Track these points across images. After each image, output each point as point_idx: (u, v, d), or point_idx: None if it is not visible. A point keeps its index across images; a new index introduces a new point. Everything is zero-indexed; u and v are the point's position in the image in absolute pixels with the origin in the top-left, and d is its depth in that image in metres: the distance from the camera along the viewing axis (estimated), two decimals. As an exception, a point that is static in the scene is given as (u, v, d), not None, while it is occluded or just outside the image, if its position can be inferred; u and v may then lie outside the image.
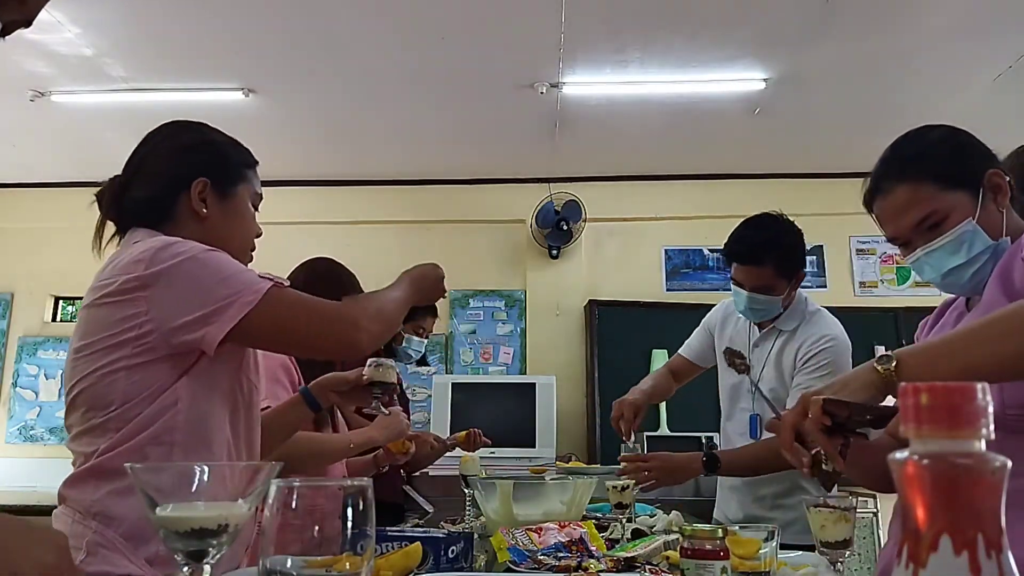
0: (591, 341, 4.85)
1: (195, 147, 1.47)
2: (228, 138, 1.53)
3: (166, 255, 1.25)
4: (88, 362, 1.27)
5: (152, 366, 1.26)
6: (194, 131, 1.51)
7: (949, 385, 0.40)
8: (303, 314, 1.32)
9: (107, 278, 1.29)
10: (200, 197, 1.41)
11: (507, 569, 1.40)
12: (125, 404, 1.25)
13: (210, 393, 1.32)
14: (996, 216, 1.29)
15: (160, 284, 1.24)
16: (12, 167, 5.09)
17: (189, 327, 1.24)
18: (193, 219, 1.40)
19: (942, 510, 0.39)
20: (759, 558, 1.09)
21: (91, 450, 1.25)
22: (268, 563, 0.69)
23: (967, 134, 1.36)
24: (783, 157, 4.89)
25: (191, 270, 1.25)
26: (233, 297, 1.24)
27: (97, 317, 1.28)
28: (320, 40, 3.56)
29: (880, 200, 1.35)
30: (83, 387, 1.28)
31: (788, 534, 1.80)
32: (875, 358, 1.11)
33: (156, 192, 1.41)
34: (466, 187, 5.25)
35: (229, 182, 1.46)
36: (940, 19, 3.36)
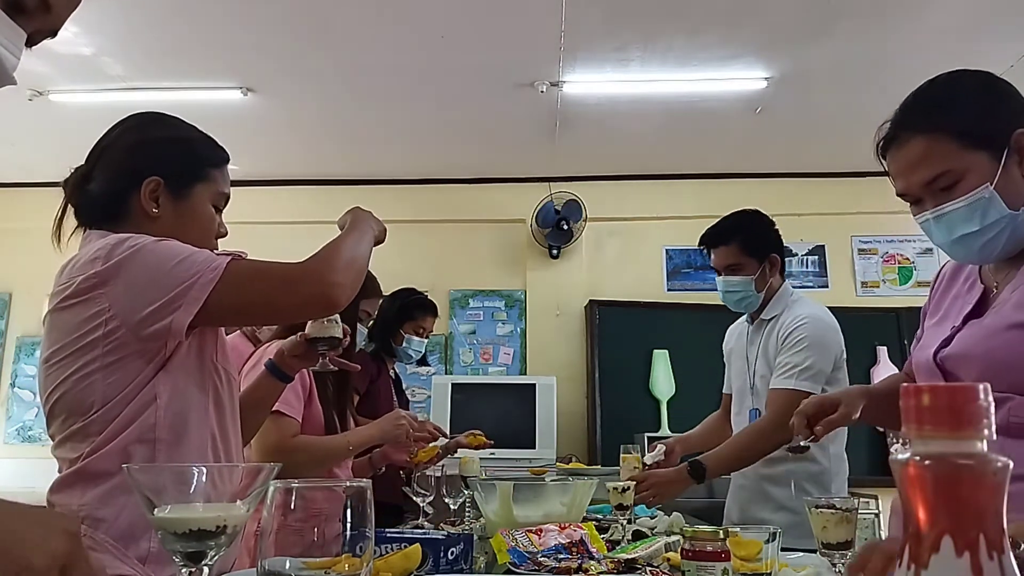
0: (591, 341, 4.84)
1: (154, 142, 1.41)
2: (196, 134, 1.46)
3: (120, 249, 1.23)
4: (61, 368, 1.25)
5: (126, 364, 1.24)
6: (157, 125, 1.45)
7: (951, 385, 0.40)
8: (267, 281, 1.29)
9: (65, 281, 1.27)
10: (151, 196, 1.36)
11: (507, 571, 1.39)
12: (105, 406, 1.23)
13: (188, 387, 1.30)
14: (1019, 183, 1.18)
15: (119, 278, 1.22)
16: (10, 167, 5.09)
17: (155, 316, 1.21)
18: (145, 219, 1.36)
19: (944, 511, 0.38)
20: (760, 560, 1.09)
21: (75, 455, 1.24)
22: (267, 564, 0.69)
23: (1005, 84, 1.25)
24: (785, 156, 4.89)
25: (146, 260, 1.23)
26: (193, 278, 1.22)
27: (61, 322, 1.26)
28: (320, 40, 3.56)
29: (895, 150, 1.25)
30: (60, 394, 1.25)
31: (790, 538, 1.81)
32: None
33: (110, 188, 1.37)
34: (466, 187, 5.25)
35: (185, 181, 1.39)
36: (940, 19, 3.36)
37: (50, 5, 0.85)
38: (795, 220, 5.12)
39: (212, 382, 1.35)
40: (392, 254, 4.14)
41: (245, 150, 4.81)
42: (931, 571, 0.38)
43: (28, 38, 0.85)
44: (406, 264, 4.43)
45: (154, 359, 1.26)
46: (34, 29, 0.86)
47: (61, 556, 0.65)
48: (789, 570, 1.22)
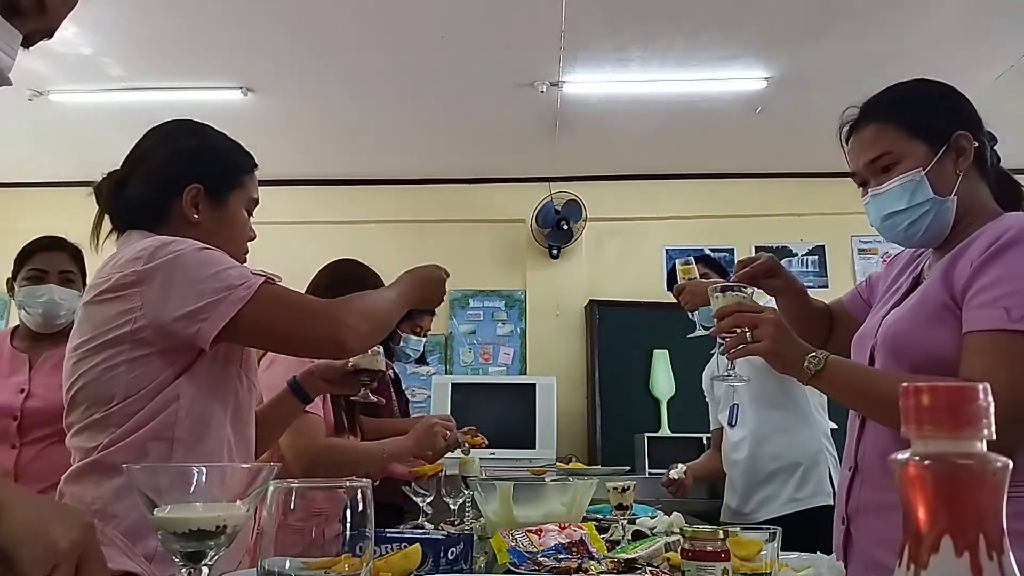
0: (591, 341, 4.84)
1: (191, 151, 1.46)
2: (227, 142, 1.53)
3: (163, 252, 1.27)
4: (88, 358, 1.28)
5: (151, 362, 1.27)
6: (193, 134, 1.50)
7: (950, 385, 0.40)
8: (292, 311, 1.33)
9: (104, 276, 1.31)
10: (192, 203, 1.41)
11: (507, 571, 1.39)
12: (127, 399, 1.26)
13: (211, 391, 1.33)
14: (950, 176, 1.31)
15: (156, 280, 1.25)
16: (11, 167, 5.09)
17: (183, 322, 1.24)
18: (185, 224, 1.41)
19: (943, 511, 0.38)
20: (760, 559, 1.09)
21: (92, 445, 1.26)
22: (267, 564, 0.69)
23: (958, 94, 1.39)
24: (785, 156, 4.88)
25: (185, 266, 1.26)
26: (226, 292, 1.25)
27: (95, 314, 1.29)
28: (320, 40, 3.56)
29: (853, 136, 1.40)
30: (84, 383, 1.28)
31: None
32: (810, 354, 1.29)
33: (150, 194, 1.42)
34: (466, 187, 5.25)
35: (223, 189, 1.46)
36: (940, 19, 3.36)
37: (46, 6, 0.85)
38: (795, 220, 5.13)
39: (234, 389, 1.38)
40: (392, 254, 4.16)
41: (245, 150, 4.81)
42: (931, 571, 0.38)
43: (24, 39, 0.85)
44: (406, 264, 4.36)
45: (179, 361, 1.29)
46: (30, 30, 0.86)
47: (80, 544, 0.69)
48: (789, 570, 1.22)
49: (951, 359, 1.20)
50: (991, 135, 1.40)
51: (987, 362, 1.14)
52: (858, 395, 1.32)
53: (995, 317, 1.15)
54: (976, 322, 1.18)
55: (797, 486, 2.38)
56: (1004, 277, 1.17)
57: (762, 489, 2.45)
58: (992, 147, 1.39)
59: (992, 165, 1.38)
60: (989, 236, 1.22)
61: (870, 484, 1.33)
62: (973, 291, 1.20)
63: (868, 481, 1.34)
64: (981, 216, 1.30)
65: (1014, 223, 1.22)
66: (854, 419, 1.40)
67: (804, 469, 2.40)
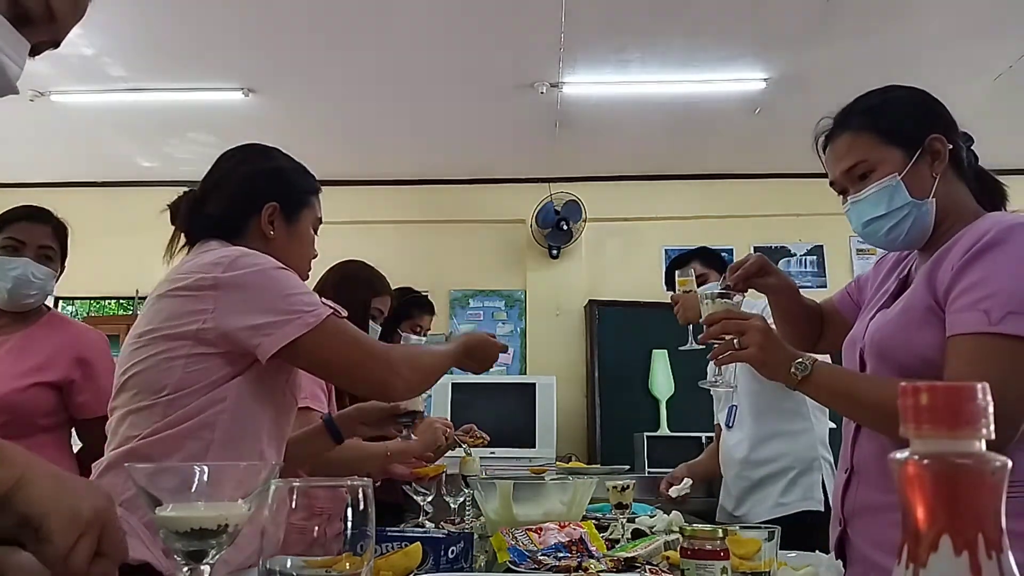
0: (591, 341, 4.85)
1: (269, 172, 1.56)
2: (297, 164, 1.62)
3: (244, 263, 1.34)
4: (149, 346, 1.33)
5: (209, 361, 1.31)
6: (268, 156, 1.59)
7: (949, 385, 0.40)
8: (351, 348, 1.39)
9: (183, 273, 1.36)
10: (269, 220, 1.50)
11: (507, 569, 1.40)
12: (177, 392, 1.30)
13: (256, 400, 1.37)
14: (926, 179, 1.32)
15: (232, 288, 1.31)
16: (12, 167, 5.08)
17: (248, 333, 1.30)
18: (260, 239, 1.49)
19: (942, 510, 0.38)
20: (759, 558, 1.09)
21: (133, 433, 1.30)
22: (268, 563, 0.69)
23: (930, 99, 1.40)
24: (784, 157, 4.88)
25: (263, 281, 1.34)
26: (295, 315, 1.31)
27: (167, 306, 1.35)
28: (320, 40, 3.56)
29: (829, 146, 1.42)
30: (138, 370, 1.33)
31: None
32: (797, 360, 1.29)
33: (230, 210, 1.50)
34: (466, 187, 5.25)
35: (296, 208, 1.55)
36: (940, 19, 3.36)
37: (56, 15, 0.85)
38: (794, 220, 5.14)
39: (278, 404, 1.43)
40: (392, 254, 4.16)
41: (245, 150, 4.81)
42: (930, 570, 0.38)
43: (32, 48, 0.86)
44: (406, 264, 4.42)
45: (234, 366, 1.34)
46: (38, 40, 0.86)
47: (102, 514, 0.71)
48: (788, 568, 1.22)
49: (938, 362, 1.21)
50: (966, 136, 1.40)
51: (970, 365, 1.15)
52: (844, 400, 1.33)
53: (976, 320, 1.16)
54: (958, 325, 1.18)
55: (784, 491, 2.35)
56: (984, 279, 1.17)
57: (753, 493, 2.44)
58: (968, 147, 1.40)
59: (970, 165, 1.39)
60: (969, 238, 1.23)
61: (867, 485, 1.34)
62: (955, 294, 1.20)
63: (864, 482, 1.34)
64: (962, 217, 1.31)
65: (992, 225, 1.22)
66: (849, 421, 1.41)
67: (795, 474, 2.38)
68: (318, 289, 2.29)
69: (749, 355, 1.35)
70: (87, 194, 5.22)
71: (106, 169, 5.09)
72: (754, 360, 1.35)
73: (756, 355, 1.34)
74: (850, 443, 1.39)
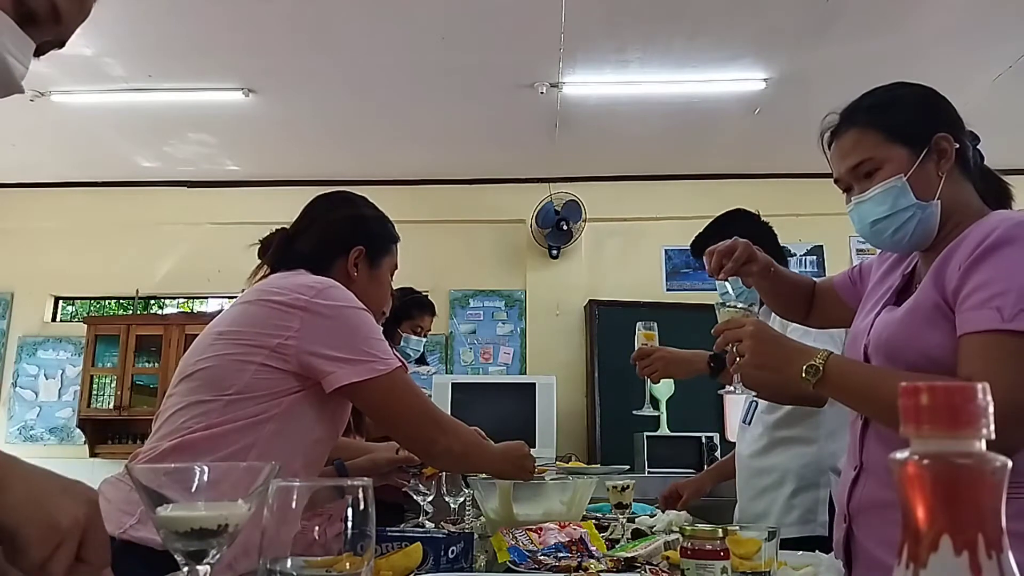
0: (591, 341, 4.85)
1: (360, 218, 1.67)
2: (381, 214, 1.73)
3: (335, 295, 1.44)
4: (227, 345, 1.40)
5: (278, 373, 1.38)
6: (357, 204, 1.71)
7: (949, 385, 0.40)
8: (410, 404, 1.49)
9: (277, 287, 1.45)
10: (355, 262, 1.62)
11: (507, 569, 1.40)
12: (241, 394, 1.36)
13: (304, 419, 1.43)
14: (932, 179, 1.30)
15: (319, 315, 1.40)
16: (12, 167, 5.09)
17: (323, 360, 1.38)
18: (343, 278, 1.58)
19: (942, 510, 0.38)
20: (759, 558, 1.09)
21: (187, 425, 1.35)
22: (268, 563, 0.69)
23: (938, 97, 1.37)
24: (783, 157, 4.89)
25: (348, 319, 1.43)
26: (370, 359, 1.40)
27: (254, 312, 1.43)
28: (320, 40, 3.56)
29: (835, 142, 1.40)
30: (210, 364, 1.40)
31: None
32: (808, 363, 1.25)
33: (322, 249, 1.60)
34: (466, 187, 5.26)
35: (379, 254, 1.67)
36: (940, 19, 3.36)
37: (61, 16, 0.85)
38: (793, 221, 5.12)
39: (319, 431, 1.48)
40: (392, 254, 4.15)
41: (246, 151, 4.81)
42: (930, 570, 0.38)
43: (37, 48, 0.86)
44: (406, 264, 4.38)
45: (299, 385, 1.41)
46: (43, 39, 0.86)
47: (83, 520, 0.68)
48: (788, 568, 1.22)
49: (945, 361, 1.20)
50: (973, 135, 1.38)
51: (985, 364, 1.14)
52: (862, 400, 1.30)
53: (988, 318, 1.15)
54: (970, 324, 1.17)
55: (783, 511, 2.11)
56: (994, 278, 1.17)
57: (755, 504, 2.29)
58: (975, 147, 1.38)
59: (976, 164, 1.37)
60: (976, 237, 1.22)
61: (875, 482, 1.32)
62: (964, 293, 1.19)
63: (872, 479, 1.33)
64: (968, 217, 1.30)
65: (999, 223, 1.21)
66: (857, 418, 1.40)
67: (794, 491, 2.12)
68: None
69: (746, 362, 1.35)
70: (87, 194, 5.22)
71: (106, 169, 5.09)
72: (751, 366, 1.35)
73: (750, 361, 1.34)
74: (858, 440, 1.38)
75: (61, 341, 5.20)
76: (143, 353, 5.01)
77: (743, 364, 1.36)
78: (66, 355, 5.19)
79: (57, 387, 5.15)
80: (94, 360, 4.98)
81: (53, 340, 5.22)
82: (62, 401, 5.12)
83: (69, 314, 5.50)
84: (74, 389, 5.06)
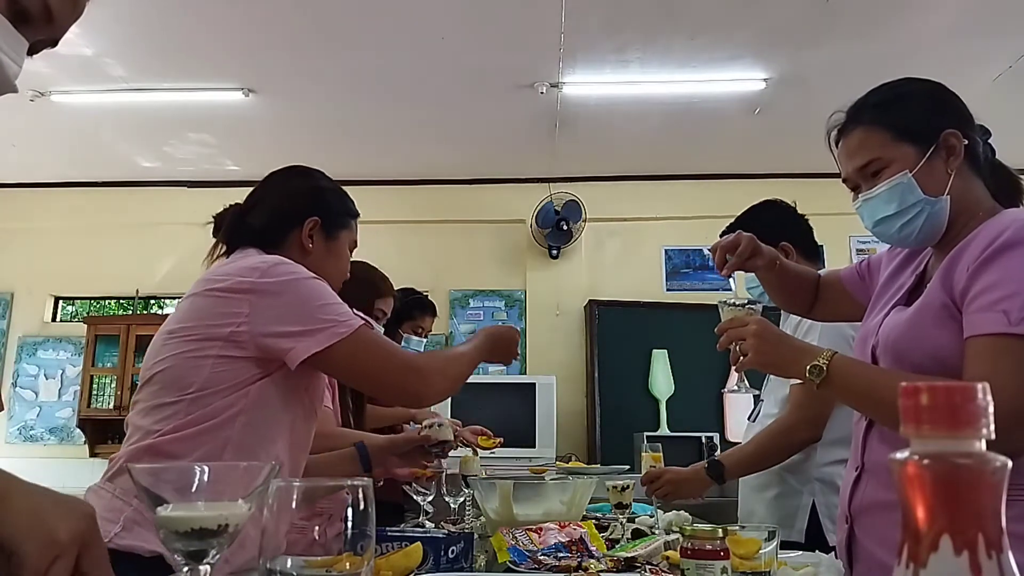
0: (591, 341, 4.85)
1: (314, 190, 1.63)
2: (339, 187, 1.70)
3: (281, 270, 1.38)
4: (179, 344, 1.36)
5: (237, 363, 1.34)
6: (314, 177, 1.68)
7: (949, 385, 0.40)
8: (382, 358, 1.42)
9: (221, 275, 1.40)
10: (309, 233, 1.57)
11: (507, 569, 1.40)
12: (202, 391, 1.32)
13: (276, 403, 1.39)
14: (941, 176, 1.29)
15: (268, 294, 1.35)
16: (12, 167, 5.08)
17: (280, 338, 1.33)
18: (298, 251, 1.54)
19: (942, 510, 0.38)
20: (759, 558, 1.09)
21: (154, 428, 1.32)
22: (268, 563, 0.69)
23: (946, 92, 1.37)
24: (783, 157, 4.89)
25: (298, 289, 1.37)
26: (327, 324, 1.35)
27: (201, 305, 1.38)
28: (320, 40, 3.56)
29: (842, 141, 1.39)
30: (166, 366, 1.35)
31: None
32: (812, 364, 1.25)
33: (274, 222, 1.56)
34: (466, 187, 5.26)
35: (335, 226, 1.62)
36: (940, 19, 3.36)
37: (53, 15, 0.86)
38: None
39: (296, 410, 1.44)
40: (392, 254, 4.16)
41: (246, 150, 4.81)
42: (930, 570, 0.38)
43: (30, 47, 0.86)
44: (406, 264, 4.43)
45: (260, 371, 1.36)
46: (36, 39, 0.87)
47: (81, 535, 0.69)
48: (788, 568, 1.22)
49: (953, 363, 1.19)
50: (983, 129, 1.37)
51: (990, 367, 1.13)
52: (866, 401, 1.29)
53: (995, 321, 1.14)
54: (976, 326, 1.17)
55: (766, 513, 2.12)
56: (1002, 280, 1.16)
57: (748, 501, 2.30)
58: (985, 141, 1.37)
59: (986, 159, 1.36)
60: (986, 237, 1.21)
61: (876, 483, 1.32)
62: (972, 294, 1.18)
63: (874, 480, 1.33)
64: (978, 213, 1.29)
65: (1010, 223, 1.20)
66: (860, 419, 1.39)
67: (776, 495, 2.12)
68: None
69: (749, 360, 1.35)
70: (87, 194, 5.22)
71: (106, 169, 5.09)
72: (754, 364, 1.35)
73: (753, 359, 1.34)
74: (861, 441, 1.38)
75: (61, 341, 5.20)
76: (143, 353, 4.96)
77: (746, 363, 1.36)
78: (66, 355, 5.19)
79: (57, 387, 5.15)
80: (94, 360, 4.99)
81: (53, 340, 5.22)
82: (62, 401, 5.12)
83: (69, 314, 5.50)
84: (74, 389, 5.07)
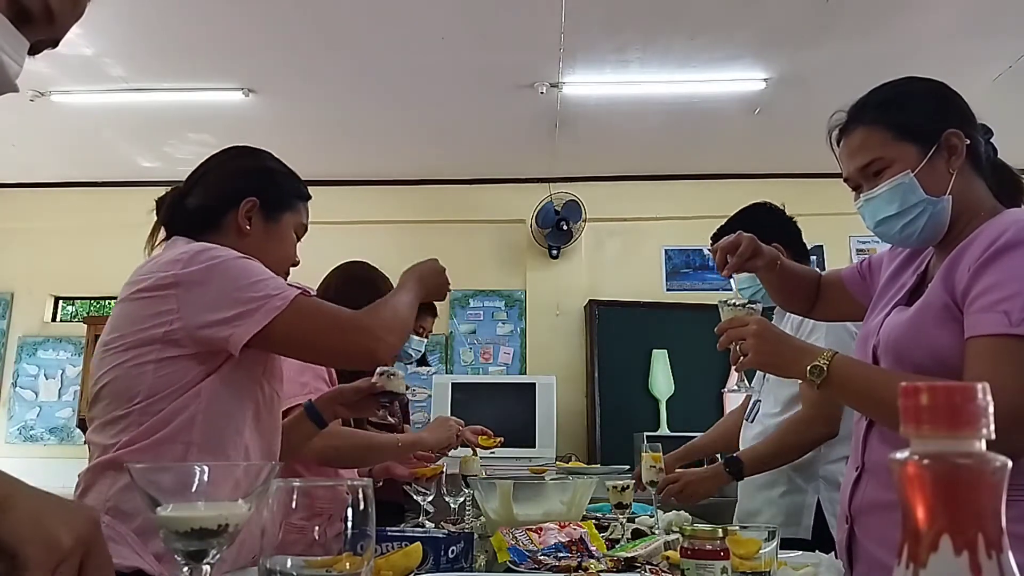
0: (591, 341, 4.85)
1: (253, 169, 1.55)
2: (287, 169, 1.60)
3: (203, 257, 1.30)
4: (116, 355, 1.30)
5: (179, 363, 1.29)
6: (256, 156, 1.58)
7: (949, 385, 0.40)
8: (325, 324, 1.36)
9: (143, 275, 1.34)
10: (246, 214, 1.48)
11: (507, 569, 1.40)
12: (150, 398, 1.27)
13: (232, 396, 1.34)
14: (942, 175, 1.29)
15: (194, 283, 1.28)
16: (12, 167, 5.09)
17: (216, 326, 1.27)
18: (236, 233, 1.47)
19: (942, 510, 0.38)
20: (759, 558, 1.09)
21: (111, 442, 1.27)
22: (268, 563, 0.69)
23: (947, 91, 1.36)
24: (783, 157, 4.89)
25: (224, 272, 1.30)
26: (261, 302, 1.28)
27: (129, 311, 1.32)
28: (320, 40, 3.56)
29: (843, 140, 1.39)
30: (110, 379, 1.30)
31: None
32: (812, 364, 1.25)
33: (210, 202, 1.48)
34: (466, 187, 5.26)
35: (277, 207, 1.53)
36: (940, 19, 3.36)
37: (54, 15, 0.86)
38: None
39: (255, 398, 1.40)
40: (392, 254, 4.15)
41: (245, 150, 4.81)
42: (929, 570, 0.38)
43: (31, 47, 0.86)
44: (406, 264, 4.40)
45: (206, 364, 1.31)
46: (37, 39, 0.87)
47: (84, 540, 0.68)
48: (788, 568, 1.22)
49: (954, 363, 1.19)
50: (985, 128, 1.37)
51: (990, 368, 1.13)
52: (867, 402, 1.29)
53: (996, 322, 1.14)
54: (977, 327, 1.16)
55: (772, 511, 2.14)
56: (1003, 280, 1.15)
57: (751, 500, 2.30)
58: (987, 140, 1.37)
59: (988, 158, 1.36)
60: (987, 237, 1.21)
61: (876, 483, 1.32)
62: (973, 295, 1.18)
63: (874, 480, 1.33)
64: (980, 213, 1.29)
65: (1011, 223, 1.20)
66: (860, 419, 1.39)
67: (783, 492, 2.14)
68: (321, 290, 2.28)
69: (749, 360, 1.35)
70: (87, 194, 5.22)
71: (106, 169, 5.09)
72: (754, 364, 1.35)
73: (753, 359, 1.34)
74: (861, 441, 1.38)
75: (61, 341, 5.20)
76: (143, 353, 5.00)
77: (746, 363, 1.35)
78: (66, 355, 5.19)
79: (57, 387, 5.15)
80: (94, 360, 4.98)
81: (53, 340, 5.22)
82: (62, 401, 5.12)
83: (69, 314, 5.50)
84: (74, 389, 5.07)
